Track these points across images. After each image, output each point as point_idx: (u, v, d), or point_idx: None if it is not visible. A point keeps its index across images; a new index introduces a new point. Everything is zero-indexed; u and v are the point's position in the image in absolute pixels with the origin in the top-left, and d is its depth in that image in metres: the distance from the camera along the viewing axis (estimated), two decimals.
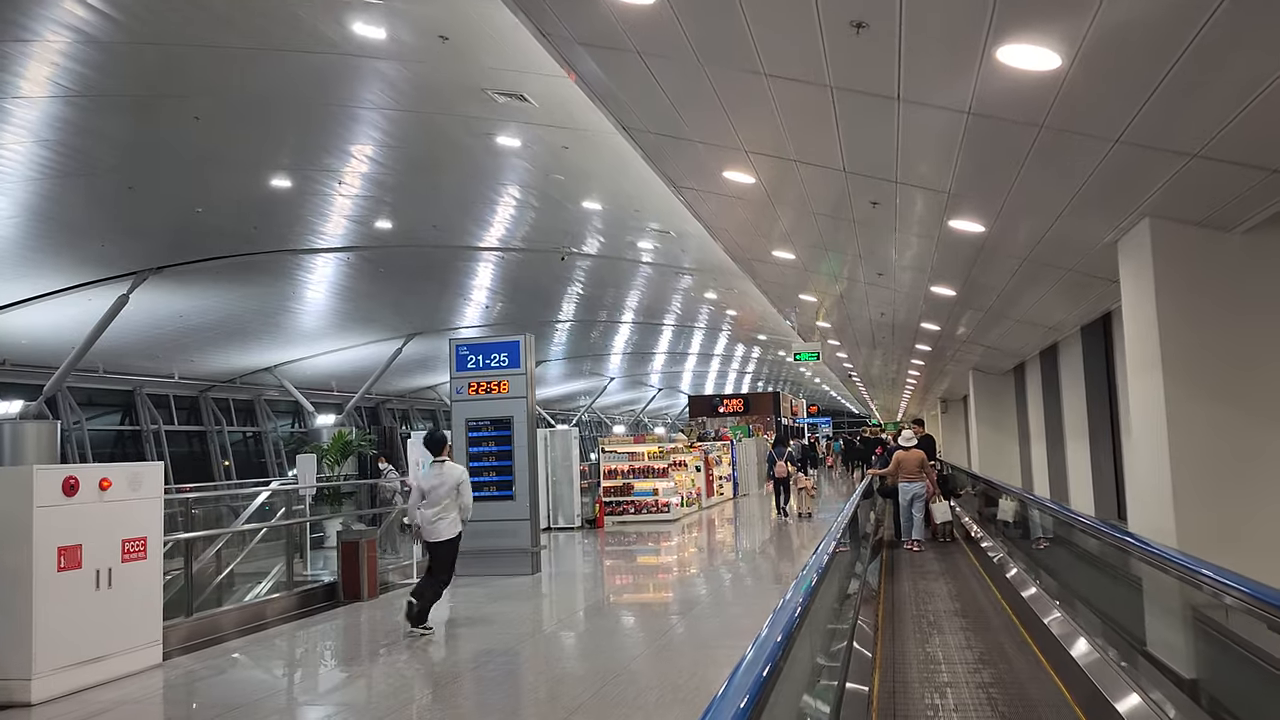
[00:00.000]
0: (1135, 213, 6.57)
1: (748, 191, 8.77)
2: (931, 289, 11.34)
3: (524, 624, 9.23)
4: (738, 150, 7.41)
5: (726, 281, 19.47)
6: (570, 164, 12.54)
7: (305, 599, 11.00)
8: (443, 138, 12.16)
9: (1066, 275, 8.94)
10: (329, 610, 10.77)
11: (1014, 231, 8.00)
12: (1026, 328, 12.94)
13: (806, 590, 4.58)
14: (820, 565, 5.65)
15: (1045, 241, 7.94)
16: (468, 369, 13.44)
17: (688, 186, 9.44)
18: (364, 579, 11.32)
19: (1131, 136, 5.21)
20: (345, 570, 11.37)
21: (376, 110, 11.38)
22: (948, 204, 7.51)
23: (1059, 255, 8.38)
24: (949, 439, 31.17)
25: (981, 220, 7.81)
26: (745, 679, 2.75)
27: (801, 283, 13.74)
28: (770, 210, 9.29)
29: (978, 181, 6.88)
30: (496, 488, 13.15)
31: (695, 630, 8.59)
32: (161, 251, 17.45)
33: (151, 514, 8.20)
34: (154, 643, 8.09)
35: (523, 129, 11.39)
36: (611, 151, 11.08)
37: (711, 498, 23.04)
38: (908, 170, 6.95)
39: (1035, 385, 16.55)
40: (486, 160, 12.92)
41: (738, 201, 9.46)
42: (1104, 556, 7.42)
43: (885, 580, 11.51)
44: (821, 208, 8.82)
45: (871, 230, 9.32)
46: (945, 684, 6.60)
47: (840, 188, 7.82)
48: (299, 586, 11.16)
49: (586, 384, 43.10)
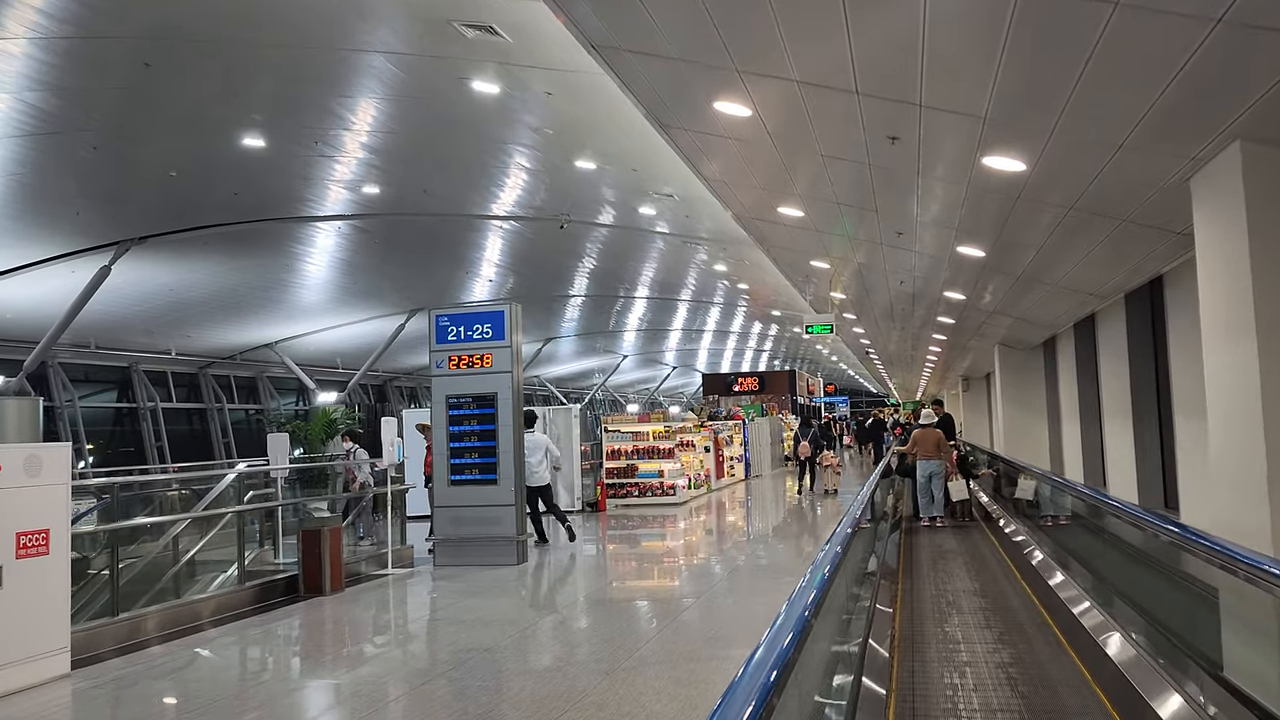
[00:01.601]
0: (1222, 134, 5.14)
1: (744, 129, 7.38)
2: (958, 250, 9.89)
3: (491, 627, 7.96)
4: (729, 72, 6.03)
5: (737, 252, 18.09)
6: (557, 115, 11.18)
7: (262, 593, 9.79)
8: (418, 87, 10.83)
9: (1119, 228, 7.50)
10: (287, 605, 9.56)
11: (1061, 170, 6.57)
12: (1063, 295, 11.47)
13: (809, 604, 3.47)
14: (827, 569, 4.42)
15: (1098, 182, 6.51)
16: (448, 341, 12.16)
17: (677, 127, 8.05)
18: (326, 571, 10.09)
19: (1240, 12, 3.81)
20: (306, 561, 10.15)
21: (343, 54, 10.08)
22: (983, 135, 6.11)
23: (1113, 201, 6.95)
24: (971, 419, 29.69)
25: (1023, 155, 6.39)
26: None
27: (813, 247, 12.31)
28: (772, 154, 7.90)
29: (1022, 100, 5.47)
30: (479, 470, 11.89)
31: (684, 634, 7.30)
32: (142, 220, 16.33)
33: (55, 503, 7.00)
34: (59, 650, 6.90)
35: (501, 72, 10.04)
36: (598, 98, 9.71)
37: (722, 479, 21.73)
38: (934, 88, 5.54)
39: (1068, 360, 15.08)
40: (467, 112, 11.57)
41: (735, 146, 8.07)
42: (1158, 555, 6.18)
43: (903, 556, 11.40)
44: (831, 147, 7.42)
45: (890, 177, 7.91)
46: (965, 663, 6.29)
47: (852, 117, 6.42)
48: (253, 580, 9.95)
49: (599, 361, 41.86)
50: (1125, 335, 11.21)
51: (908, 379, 42.23)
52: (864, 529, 8.30)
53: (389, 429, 11.82)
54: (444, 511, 11.94)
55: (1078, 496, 9.43)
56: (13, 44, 9.49)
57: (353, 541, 12.72)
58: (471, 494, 11.85)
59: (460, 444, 11.95)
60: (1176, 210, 6.65)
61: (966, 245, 9.67)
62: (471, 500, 11.84)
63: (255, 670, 7.26)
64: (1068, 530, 9.93)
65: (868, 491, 9.75)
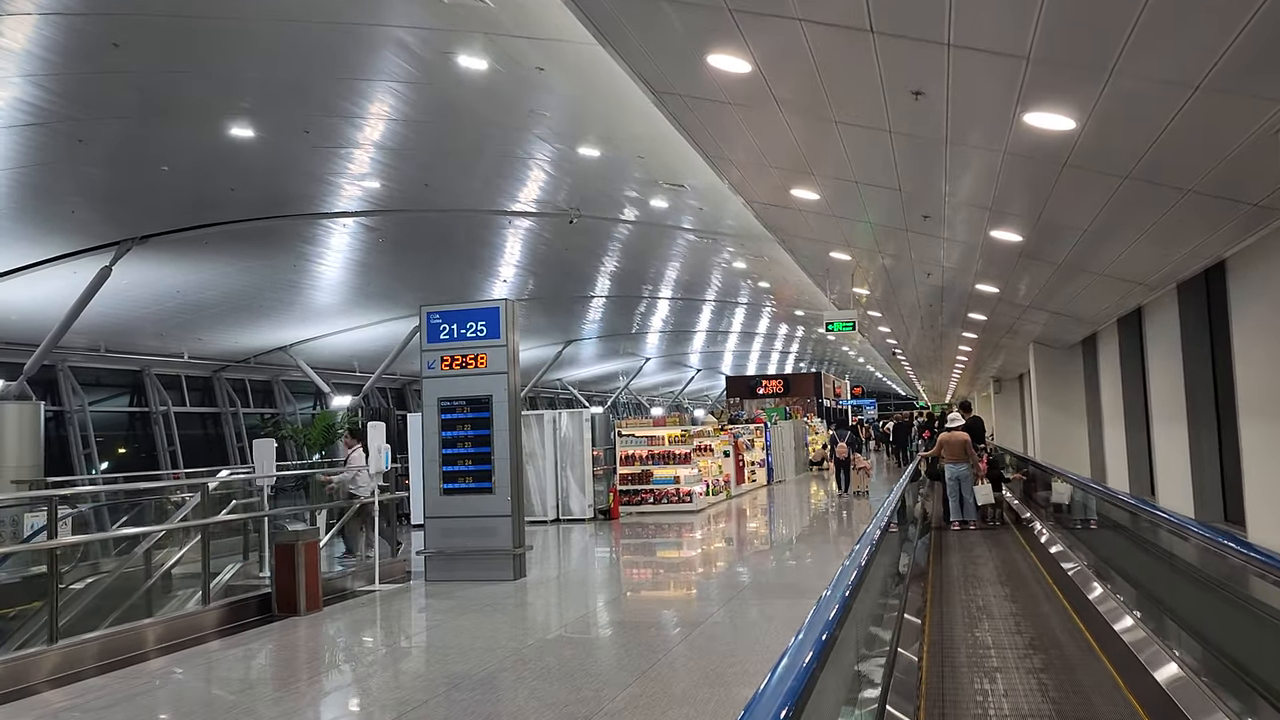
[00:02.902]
0: None
1: (745, 92, 6.33)
2: (991, 234, 8.76)
3: (470, 656, 6.96)
4: (718, 11, 4.99)
5: (756, 248, 17.03)
6: (551, 94, 10.19)
7: (231, 614, 8.86)
8: (409, 63, 9.90)
9: (1183, 200, 6.36)
10: (259, 626, 8.63)
11: (1118, 127, 5.46)
12: (1108, 286, 10.27)
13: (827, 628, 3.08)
14: (835, 609, 3.49)
15: (1163, 141, 5.40)
16: (440, 340, 11.20)
17: (672, 93, 7.01)
18: (301, 589, 9.15)
19: None
20: (280, 579, 9.22)
21: (331, 32, 9.19)
22: (1025, 82, 5.02)
23: (1179, 166, 5.82)
24: (1003, 422, 28.33)
25: (1072, 108, 5.28)
26: None
27: (833, 236, 11.21)
28: (779, 122, 6.84)
29: (1075, 29, 4.38)
30: (473, 479, 10.92)
31: (682, 669, 6.25)
32: (141, 219, 15.55)
33: None
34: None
35: (488, 45, 9.07)
36: (595, 73, 8.72)
37: (742, 485, 20.62)
38: (966, 21, 4.48)
39: (1111, 359, 13.83)
40: (458, 94, 10.63)
41: (737, 115, 7.02)
42: (1221, 575, 5.32)
43: (934, 561, 11.14)
44: (846, 111, 6.35)
45: (914, 147, 6.82)
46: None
47: (868, 68, 5.36)
48: (223, 599, 9.05)
49: (622, 364, 40.86)
50: (1178, 330, 10.01)
51: (937, 381, 40.81)
52: (892, 532, 8.02)
53: (376, 434, 10.88)
54: (436, 523, 10.97)
55: (1121, 505, 8.38)
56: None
57: (344, 554, 11.81)
58: (464, 504, 10.88)
59: (453, 450, 10.98)
60: (1256, 174, 5.52)
61: (1001, 229, 8.53)
62: (464, 510, 10.87)
63: (186, 712, 6.29)
64: (1104, 538, 9.18)
65: (895, 496, 9.21)
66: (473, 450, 10.92)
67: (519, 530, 10.81)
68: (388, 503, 11.74)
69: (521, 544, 10.85)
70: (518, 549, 10.72)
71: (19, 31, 9.06)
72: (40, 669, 6.89)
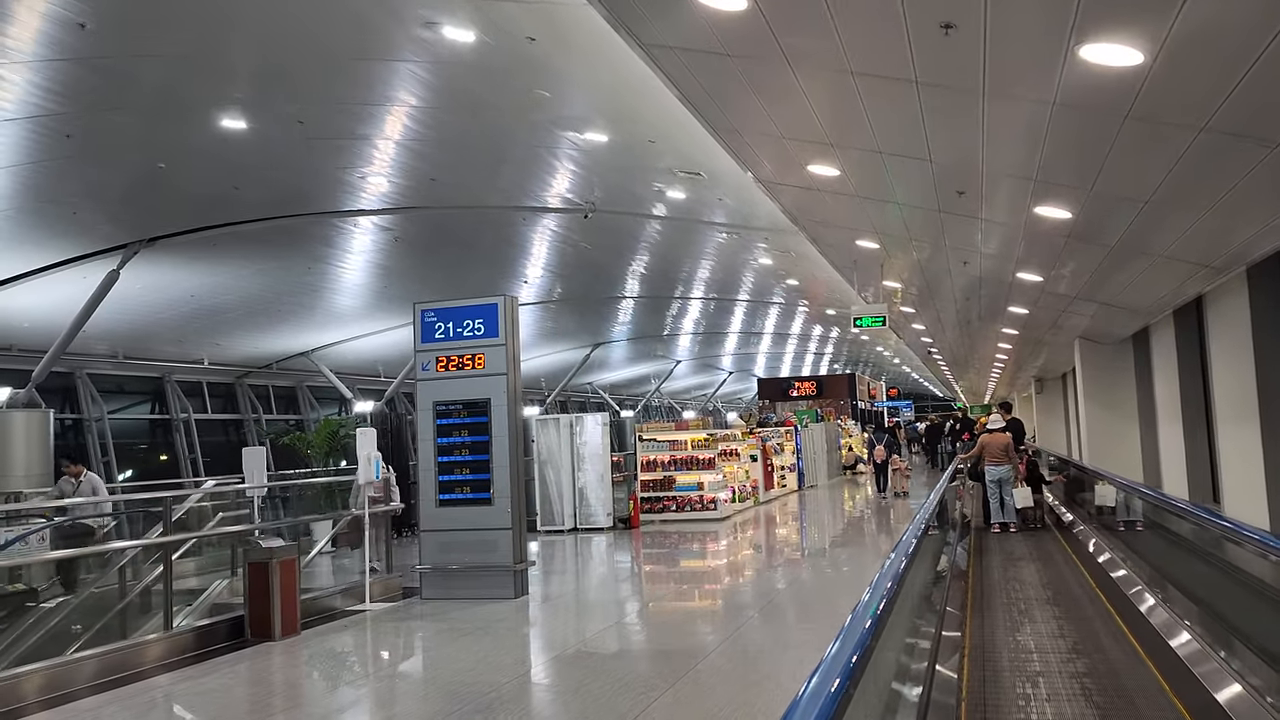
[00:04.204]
0: None
1: (738, 34, 5.32)
2: (1035, 211, 7.64)
3: (453, 698, 6.00)
4: None
5: (781, 242, 15.97)
6: (547, 69, 9.24)
7: (198, 640, 7.95)
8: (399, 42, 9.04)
9: (1273, 156, 5.24)
10: (227, 654, 7.74)
11: (1201, 57, 4.38)
12: (1168, 271, 9.07)
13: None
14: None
15: (1253, 78, 4.31)
16: (435, 340, 10.29)
17: (658, 45, 6.01)
18: (276, 612, 8.25)
19: None
20: (252, 601, 8.31)
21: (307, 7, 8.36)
22: (1080, 3, 3.96)
23: (1275, 108, 4.72)
24: (1046, 424, 26.95)
25: (1141, 37, 4.21)
26: None
27: (858, 220, 10.13)
28: (786, 77, 5.81)
29: None
30: (470, 489, 9.97)
31: (682, 714, 5.25)
32: (147, 220, 14.88)
33: None
34: None
35: (472, 13, 8.15)
36: (589, 40, 7.79)
37: (771, 490, 19.52)
38: None
39: (1167, 353, 12.57)
40: (453, 74, 9.73)
41: (735, 67, 6.00)
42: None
43: (974, 562, 10.84)
44: (863, 57, 5.31)
45: (946, 102, 5.77)
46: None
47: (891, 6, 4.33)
48: (189, 625, 8.18)
49: (653, 367, 39.87)
50: (1248, 318, 8.80)
51: (975, 382, 39.31)
52: (932, 534, 7.78)
53: (366, 442, 10.00)
54: (431, 536, 10.05)
55: (1183, 515, 7.33)
56: None
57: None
58: (462, 516, 9.94)
59: (449, 458, 10.05)
60: None
61: (1047, 204, 7.42)
62: (462, 523, 9.93)
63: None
64: (1157, 546, 8.33)
65: (933, 500, 8.76)
66: (470, 458, 9.98)
67: (520, 544, 9.86)
68: (383, 515, 10.85)
69: (523, 559, 9.90)
70: (518, 565, 9.76)
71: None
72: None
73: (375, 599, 9.87)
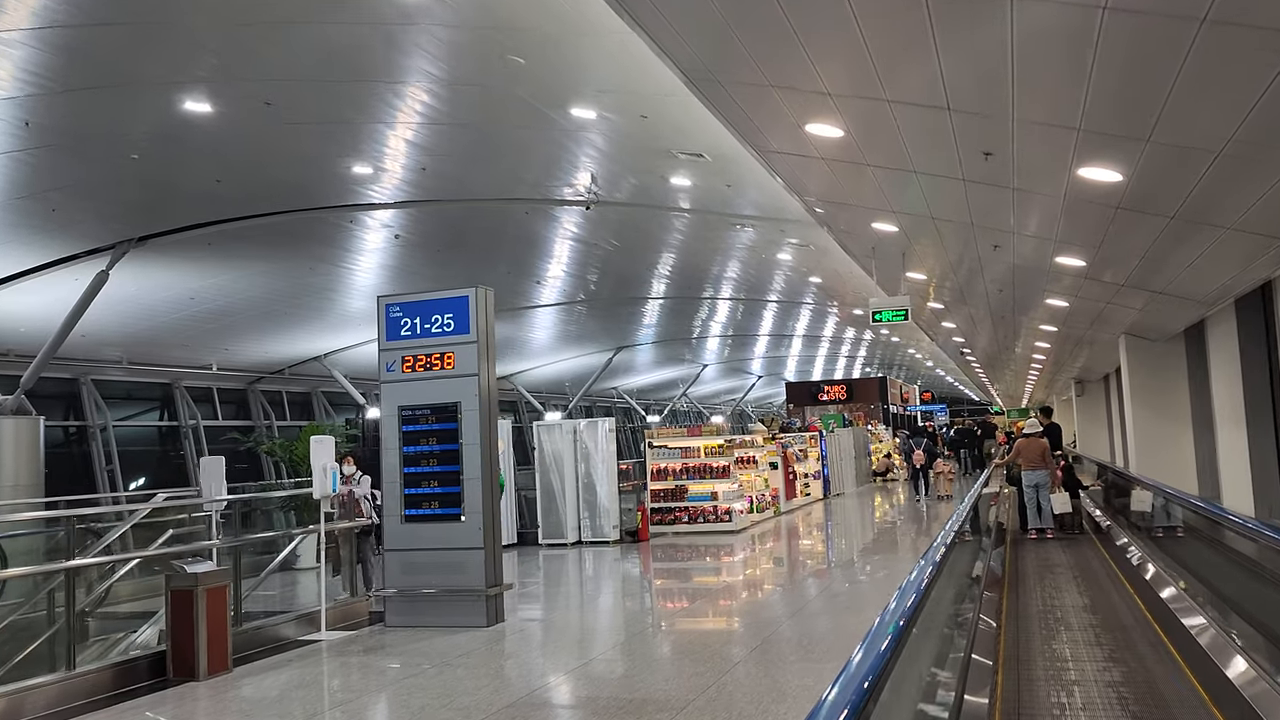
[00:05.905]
0: None
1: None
2: (1079, 173, 6.24)
3: None
4: None
5: (798, 233, 14.66)
6: (518, 29, 8.03)
7: (113, 680, 6.82)
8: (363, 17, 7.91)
9: None
10: (138, 698, 6.61)
11: None
12: (1237, 246, 7.57)
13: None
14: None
15: None
16: (400, 337, 9.11)
17: None
18: (201, 647, 7.10)
19: None
20: (176, 634, 7.17)
21: None
22: None
23: None
24: (1087, 429, 25.22)
25: None
26: None
27: (871, 196, 8.76)
28: (772, 9, 4.53)
29: None
30: (439, 503, 8.76)
31: None
32: (133, 218, 13.99)
33: None
34: None
35: None
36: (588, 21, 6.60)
37: (793, 500, 18.11)
38: None
39: (1228, 348, 11.03)
40: (418, 42, 8.57)
41: (715, 6, 4.74)
42: None
43: (1008, 571, 10.50)
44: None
45: (967, 29, 4.45)
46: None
47: None
48: (97, 663, 7.05)
49: (679, 371, 38.55)
50: None
51: (1011, 385, 37.45)
52: (967, 540, 7.59)
53: (322, 450, 8.82)
54: (396, 556, 8.85)
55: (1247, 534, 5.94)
56: None
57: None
58: (429, 533, 8.74)
59: (415, 469, 8.85)
60: None
61: (1093, 163, 6.03)
62: (429, 541, 8.72)
63: None
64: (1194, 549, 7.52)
65: (965, 507, 8.25)
66: (438, 469, 8.78)
67: (494, 566, 8.63)
68: (347, 531, 9.69)
69: (497, 583, 8.66)
70: (491, 589, 8.53)
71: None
72: None
73: (334, 626, 8.71)
